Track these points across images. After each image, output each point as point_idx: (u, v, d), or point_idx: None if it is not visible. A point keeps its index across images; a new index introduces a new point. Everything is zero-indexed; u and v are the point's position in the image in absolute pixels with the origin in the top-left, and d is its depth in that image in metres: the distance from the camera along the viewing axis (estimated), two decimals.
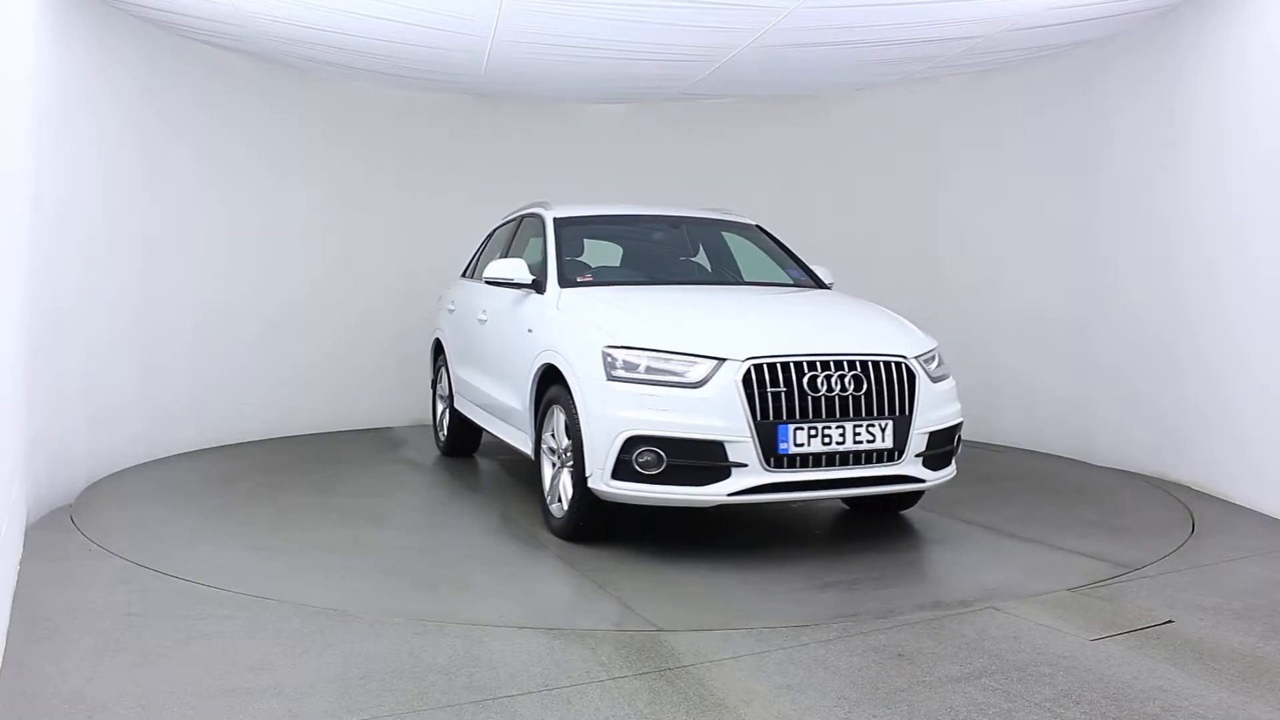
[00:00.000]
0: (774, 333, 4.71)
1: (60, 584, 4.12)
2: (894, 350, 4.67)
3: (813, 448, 4.40)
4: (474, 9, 6.10)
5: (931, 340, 5.04)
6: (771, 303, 5.51)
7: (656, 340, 4.57)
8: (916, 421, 4.61)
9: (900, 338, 4.88)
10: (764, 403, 4.37)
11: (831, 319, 5.16)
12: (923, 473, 4.70)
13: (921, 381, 4.68)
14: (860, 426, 4.48)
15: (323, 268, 8.18)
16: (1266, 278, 5.52)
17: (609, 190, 8.52)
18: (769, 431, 4.35)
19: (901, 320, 5.20)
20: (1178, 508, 5.65)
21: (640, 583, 4.26)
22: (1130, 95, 6.73)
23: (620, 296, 5.24)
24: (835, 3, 5.87)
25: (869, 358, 4.57)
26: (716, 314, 5.02)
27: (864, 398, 4.50)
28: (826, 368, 4.47)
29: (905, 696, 3.05)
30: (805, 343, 4.58)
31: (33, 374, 5.06)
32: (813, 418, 4.41)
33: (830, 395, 4.44)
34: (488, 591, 4.17)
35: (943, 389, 4.88)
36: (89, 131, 6.10)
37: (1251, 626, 3.71)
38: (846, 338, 4.73)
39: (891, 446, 4.55)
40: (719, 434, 4.34)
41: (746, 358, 4.41)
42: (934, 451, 4.75)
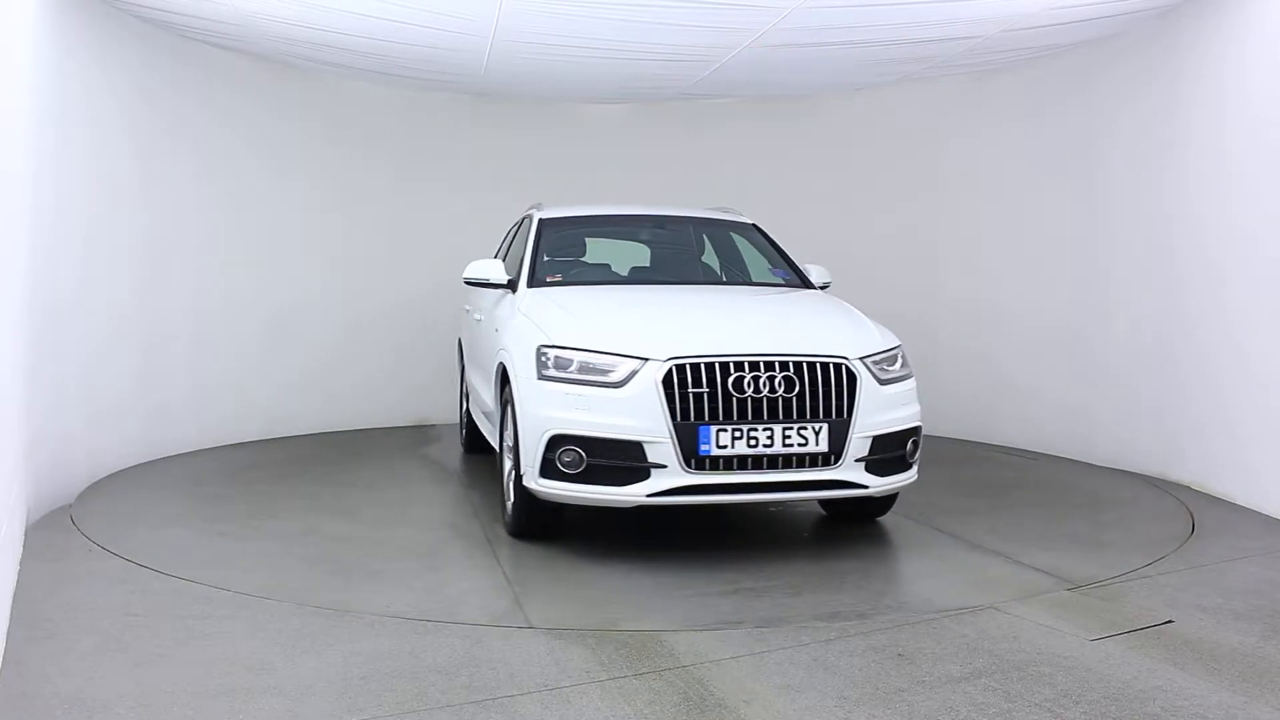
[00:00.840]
0: (709, 333, 4.63)
1: (60, 584, 4.12)
2: (833, 351, 4.52)
3: (737, 450, 4.32)
4: (474, 9, 6.10)
5: (890, 341, 4.89)
6: (731, 303, 5.40)
7: (588, 340, 4.56)
8: (857, 425, 4.46)
9: (847, 339, 4.72)
10: (685, 403, 4.31)
11: (781, 319, 5.06)
12: (866, 478, 4.53)
13: (864, 384, 4.52)
14: (791, 429, 4.36)
15: (322, 267, 8.18)
16: (1267, 278, 5.52)
17: (609, 190, 8.52)
18: (689, 433, 4.30)
19: (862, 321, 5.07)
20: (1178, 508, 5.65)
21: (549, 580, 4.32)
22: (1130, 95, 6.73)
23: (576, 297, 5.25)
24: (835, 3, 5.87)
25: (803, 358, 4.44)
26: (663, 314, 4.99)
27: (796, 400, 4.38)
28: (755, 369, 4.37)
29: (905, 696, 3.05)
30: (737, 343, 4.48)
31: (33, 374, 5.05)
32: (737, 419, 4.33)
33: (758, 397, 4.34)
34: (394, 583, 4.22)
35: (894, 391, 4.69)
36: (88, 131, 6.10)
37: (1251, 626, 3.71)
38: (783, 338, 4.60)
39: (827, 450, 4.42)
40: (638, 434, 4.31)
41: (668, 358, 4.36)
42: (880, 456, 4.57)
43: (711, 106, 9.04)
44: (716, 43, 6.82)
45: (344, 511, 5.54)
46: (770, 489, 4.45)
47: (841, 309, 5.28)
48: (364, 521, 5.35)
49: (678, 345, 4.43)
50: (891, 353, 4.82)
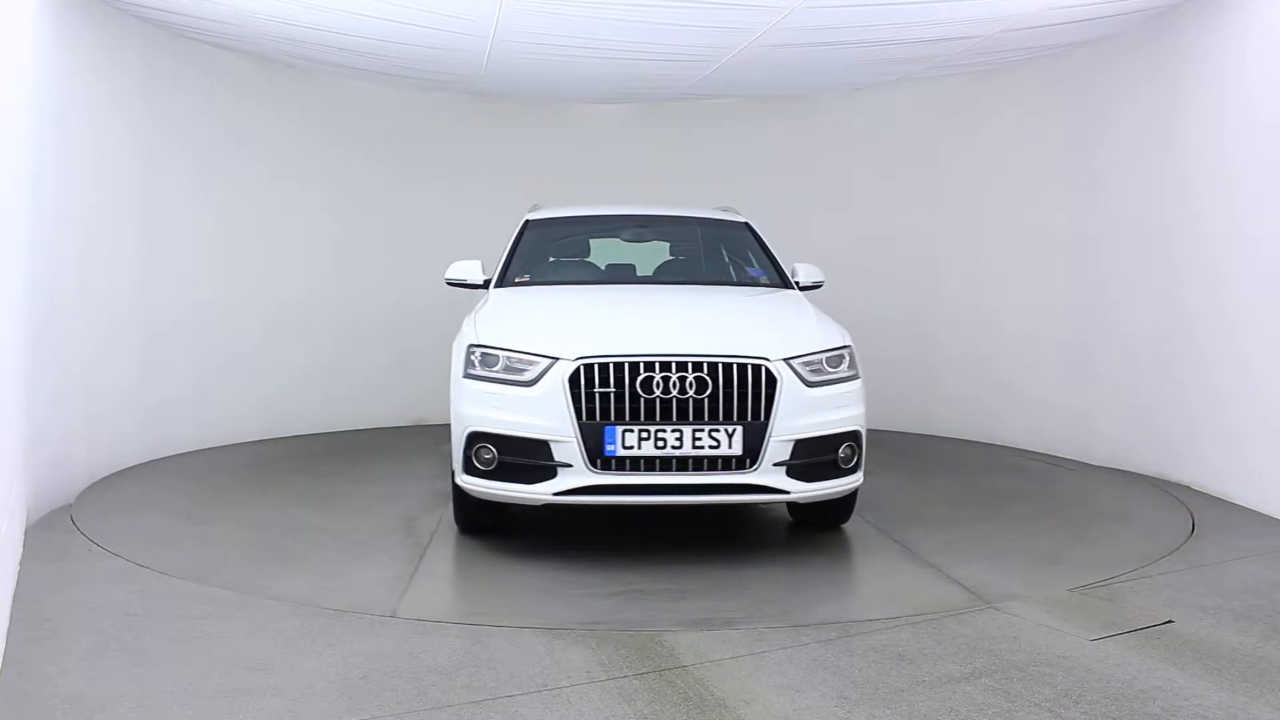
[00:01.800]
0: (629, 333, 4.59)
1: (60, 584, 4.12)
2: (752, 352, 4.41)
3: (644, 451, 4.28)
4: (474, 9, 6.10)
5: (832, 341, 4.74)
6: (681, 302, 5.31)
7: (512, 340, 4.60)
8: (776, 428, 4.35)
9: (776, 339, 4.59)
10: (591, 403, 4.31)
11: (718, 319, 4.96)
12: (787, 483, 4.40)
13: (785, 386, 4.40)
14: (702, 431, 4.30)
15: (322, 267, 8.19)
16: (1267, 278, 5.52)
17: (609, 190, 8.52)
18: (595, 432, 4.29)
19: (807, 321, 4.96)
20: (1178, 508, 5.65)
21: (451, 574, 4.50)
22: (1130, 95, 6.73)
23: (530, 297, 5.34)
24: (835, 3, 5.87)
25: (718, 359, 4.35)
26: (598, 314, 5.01)
27: (708, 401, 4.31)
28: (666, 369, 4.31)
29: (905, 696, 3.05)
30: (652, 343, 4.42)
31: (33, 375, 5.05)
32: (645, 420, 4.29)
33: (667, 398, 4.29)
34: (308, 570, 4.41)
35: (825, 393, 4.54)
36: (88, 132, 6.10)
37: (1251, 626, 3.71)
38: (704, 339, 4.51)
39: (741, 453, 4.33)
40: (544, 433, 4.34)
41: (576, 357, 4.36)
42: (804, 461, 4.44)
43: (711, 106, 9.04)
44: (716, 43, 6.82)
45: (321, 504, 5.70)
46: (684, 491, 4.35)
47: (795, 309, 5.18)
48: (334, 513, 5.49)
49: (590, 345, 4.42)
50: (835, 353, 4.68)
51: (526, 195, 7.68)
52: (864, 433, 4.69)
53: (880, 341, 8.54)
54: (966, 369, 8.14)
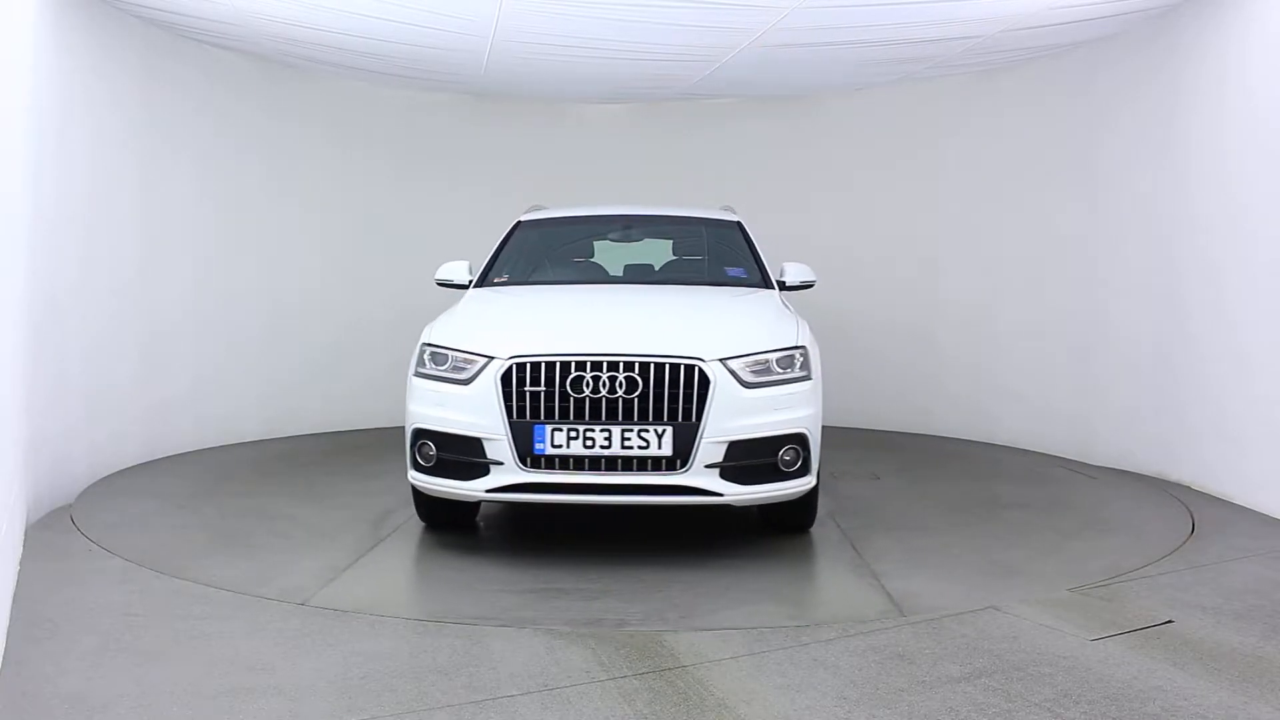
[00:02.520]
0: (566, 332, 4.63)
1: (60, 584, 4.12)
2: (686, 352, 4.37)
3: (573, 450, 4.31)
4: (474, 9, 6.10)
5: (783, 341, 4.66)
6: (639, 302, 5.31)
7: (458, 340, 4.67)
8: (708, 429, 4.30)
9: (715, 339, 4.52)
10: (522, 401, 4.35)
11: (662, 319, 4.92)
12: (720, 485, 4.34)
13: (719, 386, 4.34)
14: (631, 431, 4.29)
15: (322, 267, 8.19)
16: (1267, 278, 5.52)
17: (609, 190, 8.52)
18: (525, 431, 4.33)
19: (761, 321, 4.90)
20: (1178, 508, 5.65)
21: (384, 566, 4.56)
22: (1130, 95, 6.73)
23: (495, 297, 5.44)
24: (835, 3, 5.87)
25: (650, 359, 4.33)
26: (550, 314, 5.05)
27: (638, 401, 4.30)
28: (598, 369, 4.32)
29: (905, 696, 3.05)
30: (585, 343, 4.44)
31: (32, 375, 5.06)
32: (574, 419, 4.31)
33: (597, 397, 4.30)
34: (256, 558, 4.58)
35: (767, 394, 4.46)
36: (87, 132, 6.11)
37: (1251, 626, 3.71)
38: (638, 339, 4.48)
39: (671, 454, 4.30)
40: (477, 431, 4.41)
41: (509, 356, 4.41)
42: (740, 463, 4.38)
43: (711, 106, 9.04)
44: (716, 43, 6.82)
45: (309, 499, 5.80)
46: (613, 491, 4.35)
47: (758, 309, 5.14)
48: (317, 507, 5.62)
49: (524, 344, 4.47)
50: (785, 354, 4.60)
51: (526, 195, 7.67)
52: (812, 435, 4.57)
53: (880, 341, 8.57)
54: (966, 368, 8.14)
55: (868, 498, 5.94)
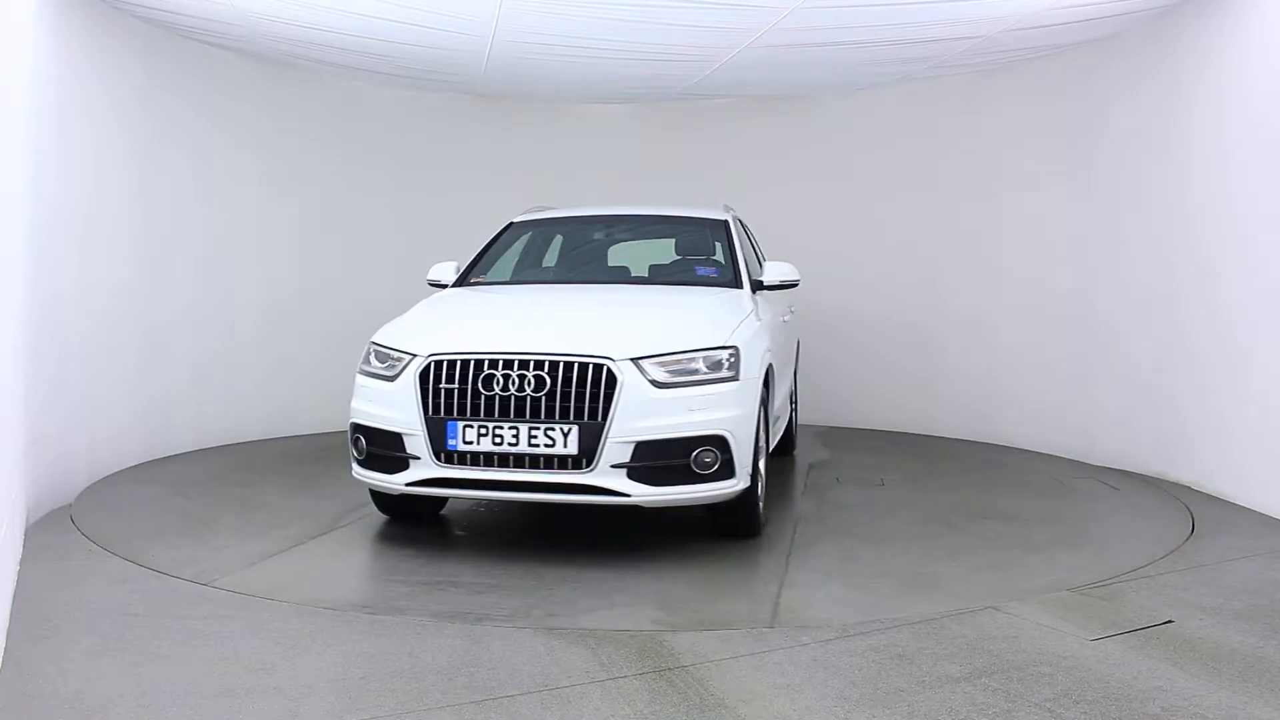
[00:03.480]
0: (484, 331, 4.70)
1: (60, 584, 4.12)
2: (594, 352, 4.37)
3: (483, 446, 4.36)
4: (474, 9, 6.10)
5: (705, 342, 4.58)
6: (580, 303, 5.32)
7: (395, 338, 4.78)
8: (613, 429, 4.28)
9: (629, 338, 4.49)
10: (438, 398, 4.43)
11: (588, 318, 4.93)
12: (627, 486, 4.31)
13: (627, 386, 4.31)
14: (537, 429, 4.32)
15: (322, 266, 8.18)
16: (1266, 278, 5.52)
17: (609, 190, 8.53)
18: (439, 427, 4.42)
19: (701, 319, 4.83)
20: (1178, 508, 5.65)
21: (309, 553, 4.70)
22: (1130, 95, 6.73)
23: (461, 297, 5.54)
24: (835, 3, 5.87)
25: (559, 358, 4.36)
26: (489, 314, 5.13)
27: (546, 399, 4.32)
28: (508, 367, 4.38)
29: (905, 696, 3.05)
30: (499, 341, 4.51)
31: (32, 375, 5.06)
32: (484, 416, 4.37)
33: (506, 395, 4.35)
34: (202, 542, 4.80)
35: (680, 395, 4.39)
36: (86, 133, 6.10)
37: (1251, 626, 3.71)
38: (552, 338, 4.52)
39: (577, 453, 4.31)
40: (397, 426, 4.52)
41: (429, 354, 4.51)
42: (648, 464, 4.33)
43: (711, 106, 9.04)
44: (716, 43, 6.82)
45: (300, 489, 5.92)
46: (521, 488, 4.41)
47: (705, 308, 5.08)
48: (301, 498, 5.77)
49: (444, 343, 4.57)
50: (711, 354, 4.54)
51: (526, 195, 7.68)
52: (736, 437, 4.47)
53: (880, 341, 8.57)
54: (966, 368, 8.14)
55: (855, 504, 5.84)
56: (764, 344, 4.96)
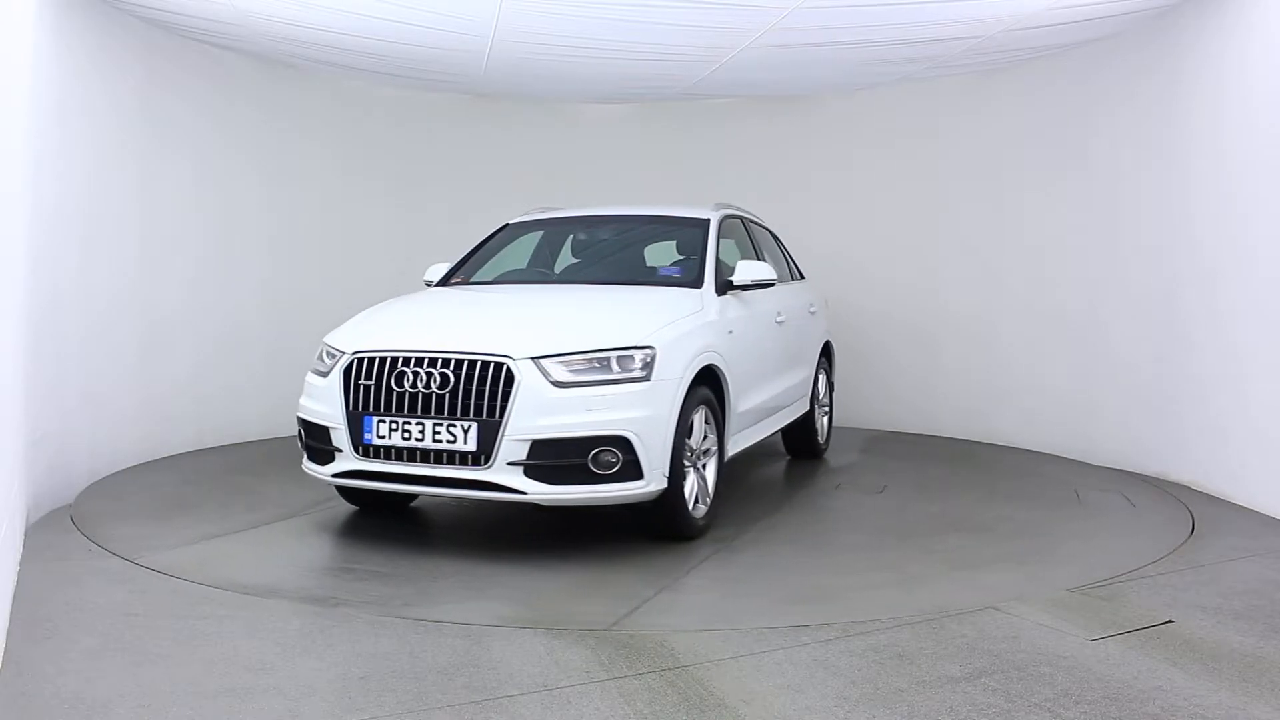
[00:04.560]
0: (404, 330, 4.84)
1: (60, 584, 4.12)
2: (497, 350, 4.44)
3: (393, 441, 4.51)
4: (474, 9, 6.10)
5: (616, 341, 4.56)
6: (519, 301, 5.42)
7: (338, 337, 4.94)
8: (510, 427, 4.33)
9: (532, 337, 4.52)
10: (358, 394, 4.61)
11: (515, 317, 5.02)
12: (524, 484, 4.34)
13: (524, 384, 4.35)
14: (441, 425, 4.42)
15: (322, 266, 8.18)
16: (1266, 278, 5.52)
17: (609, 190, 8.53)
18: (357, 421, 4.59)
19: (621, 318, 4.81)
20: (1178, 508, 5.65)
21: (242, 539, 4.94)
22: (1130, 95, 6.73)
23: (423, 296, 5.64)
24: (835, 3, 5.87)
25: (463, 356, 4.46)
26: (419, 313, 5.18)
27: (449, 396, 4.42)
28: (419, 364, 4.50)
29: (905, 696, 3.05)
30: (412, 340, 4.65)
31: (32, 374, 5.06)
32: (395, 412, 4.51)
33: (414, 392, 4.48)
34: (157, 523, 5.07)
35: (581, 394, 4.39)
36: (87, 133, 6.10)
37: (1251, 626, 3.71)
38: (456, 336, 4.62)
39: (475, 450, 4.38)
40: (326, 420, 4.73)
41: (353, 352, 4.69)
42: (544, 462, 4.35)
43: (711, 106, 9.04)
44: (716, 43, 6.82)
45: (296, 480, 5.82)
46: (426, 482, 4.53)
47: (633, 307, 5.05)
48: (292, 488, 5.87)
49: (368, 340, 4.75)
50: (622, 354, 4.52)
51: (526, 195, 7.68)
52: (643, 438, 4.42)
53: (880, 340, 8.58)
54: (966, 368, 8.15)
55: (835, 509, 5.73)
56: (698, 344, 4.84)
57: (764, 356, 5.96)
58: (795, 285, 7.06)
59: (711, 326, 5.14)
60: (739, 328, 5.47)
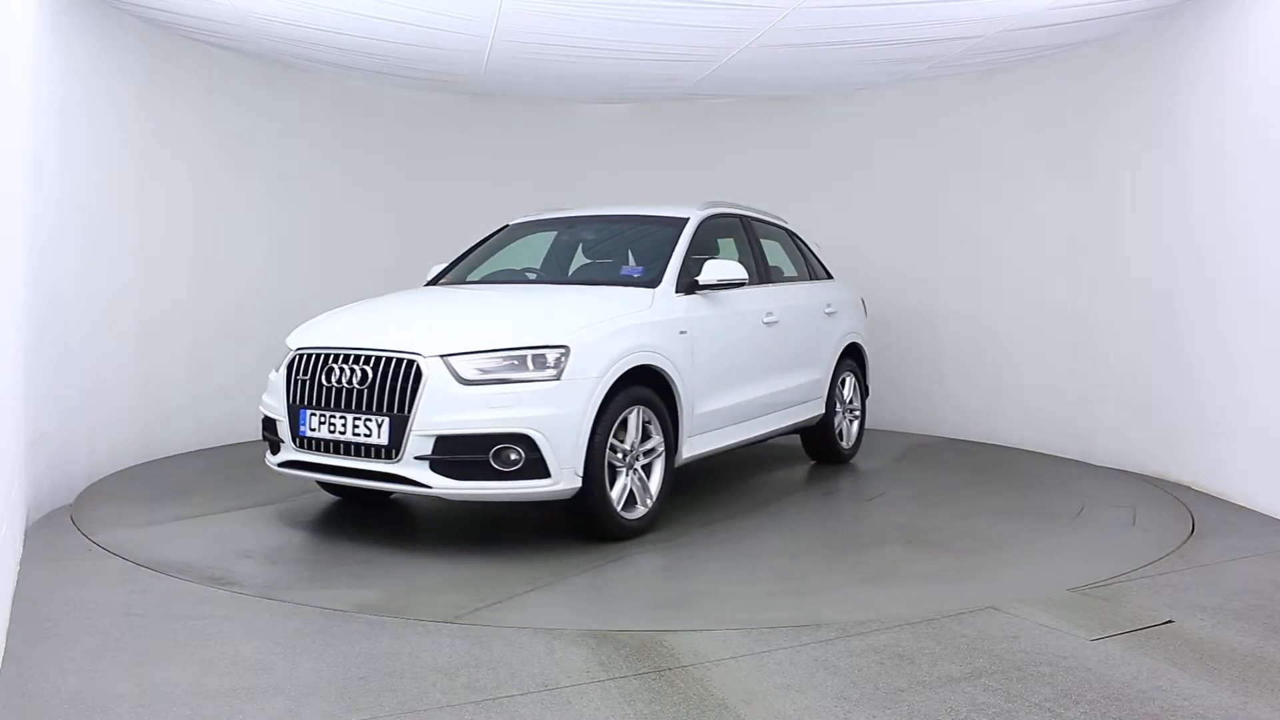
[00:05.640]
0: (340, 327, 5.03)
1: (60, 584, 4.12)
2: (409, 348, 4.57)
3: (322, 433, 4.73)
4: (474, 9, 6.11)
5: (536, 340, 4.60)
6: (460, 300, 5.53)
7: (292, 334, 5.17)
8: (416, 422, 4.44)
9: (454, 335, 4.65)
10: (295, 388, 4.87)
11: (438, 314, 5.18)
12: (430, 478, 4.45)
13: (432, 381, 4.46)
14: (360, 419, 4.60)
15: (323, 266, 8.18)
16: (1266, 277, 5.52)
17: (609, 190, 8.53)
18: (295, 414, 4.84)
19: (543, 317, 4.87)
20: (1178, 508, 5.65)
21: (202, 522, 5.22)
22: (1130, 95, 6.73)
23: (397, 296, 5.82)
24: (835, 3, 5.87)
25: (379, 353, 4.63)
26: (371, 311, 5.33)
27: (368, 391, 4.59)
28: (345, 360, 4.70)
29: (905, 696, 3.05)
30: (340, 337, 4.86)
31: (33, 374, 5.06)
32: (324, 406, 4.73)
33: (339, 387, 4.68)
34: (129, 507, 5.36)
35: (486, 392, 4.46)
36: (87, 133, 6.10)
37: (1251, 626, 3.71)
38: (378, 334, 4.80)
39: (387, 444, 4.52)
40: (274, 412, 5.02)
41: (297, 348, 4.95)
42: (448, 457, 4.44)
43: (711, 106, 9.04)
44: (716, 43, 6.82)
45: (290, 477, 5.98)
46: (348, 473, 4.71)
47: (570, 306, 5.11)
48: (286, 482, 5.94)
49: (311, 338, 4.99)
50: (537, 352, 4.57)
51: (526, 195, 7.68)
52: (547, 436, 4.45)
53: (880, 340, 8.57)
54: (966, 368, 8.15)
55: (795, 515, 5.60)
56: (627, 344, 4.82)
57: (742, 356, 5.84)
58: (805, 285, 6.87)
59: (655, 326, 5.10)
60: (700, 327, 5.40)
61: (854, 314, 7.31)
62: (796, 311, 6.46)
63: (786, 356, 6.35)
